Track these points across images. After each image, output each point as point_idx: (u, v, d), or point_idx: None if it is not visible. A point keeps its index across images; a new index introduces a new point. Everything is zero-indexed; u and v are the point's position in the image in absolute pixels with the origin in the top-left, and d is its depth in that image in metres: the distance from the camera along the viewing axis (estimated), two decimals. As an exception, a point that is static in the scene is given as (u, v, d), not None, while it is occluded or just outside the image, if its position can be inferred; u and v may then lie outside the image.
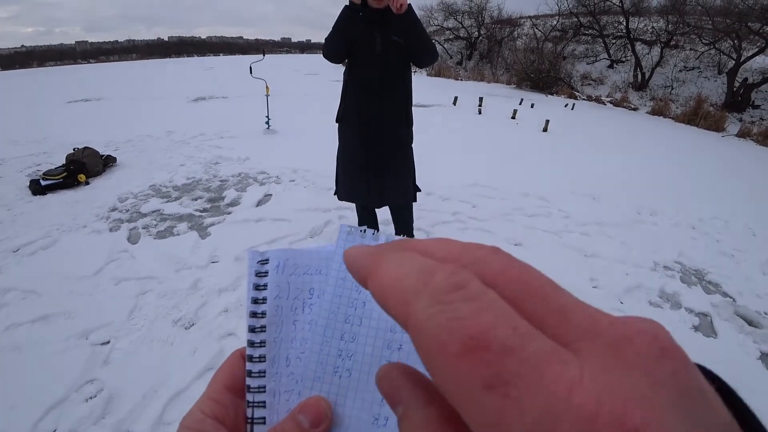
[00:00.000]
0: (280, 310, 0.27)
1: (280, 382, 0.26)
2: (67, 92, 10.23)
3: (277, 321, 0.27)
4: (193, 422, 0.24)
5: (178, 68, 19.04)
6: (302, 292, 0.27)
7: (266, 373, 0.26)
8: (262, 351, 0.26)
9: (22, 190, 3.61)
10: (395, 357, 0.26)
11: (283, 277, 0.27)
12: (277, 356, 0.26)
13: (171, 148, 5.04)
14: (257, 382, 0.26)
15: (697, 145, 8.01)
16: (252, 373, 0.26)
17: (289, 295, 0.27)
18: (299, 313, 0.27)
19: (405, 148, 2.30)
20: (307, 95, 9.73)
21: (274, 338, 0.26)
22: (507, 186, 4.11)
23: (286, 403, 0.25)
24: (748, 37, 11.85)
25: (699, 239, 3.37)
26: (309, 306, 0.27)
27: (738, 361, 2.03)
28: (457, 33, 22.47)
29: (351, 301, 0.26)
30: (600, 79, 16.44)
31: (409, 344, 0.25)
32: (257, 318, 0.26)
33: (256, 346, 0.26)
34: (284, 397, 0.25)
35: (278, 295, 0.27)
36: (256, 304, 0.27)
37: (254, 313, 0.26)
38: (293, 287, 0.27)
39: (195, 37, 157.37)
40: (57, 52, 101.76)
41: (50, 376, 1.68)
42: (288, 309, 0.27)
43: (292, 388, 0.26)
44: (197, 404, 0.25)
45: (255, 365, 0.26)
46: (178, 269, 2.46)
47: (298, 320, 0.27)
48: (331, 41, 2.07)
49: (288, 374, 0.26)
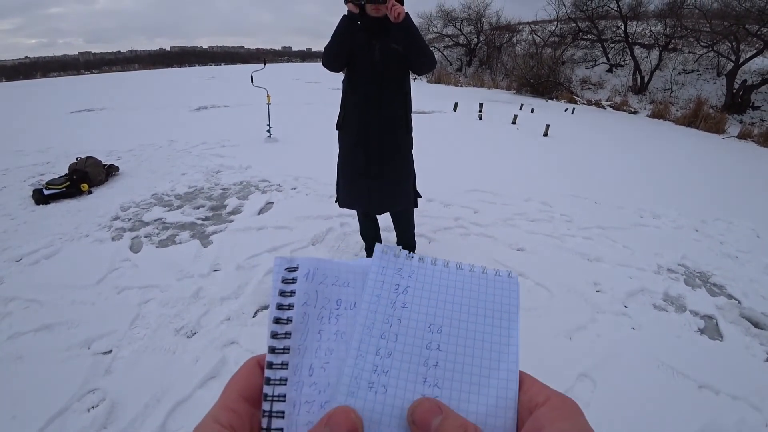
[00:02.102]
0: (306, 318, 0.26)
1: (301, 391, 0.25)
2: (70, 102, 10.32)
3: (303, 328, 0.26)
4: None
5: (180, 78, 19.21)
6: (330, 302, 0.27)
7: (288, 381, 0.25)
8: (284, 358, 0.25)
9: (25, 199, 3.63)
10: (431, 374, 0.26)
11: (312, 286, 0.27)
12: (300, 364, 0.25)
13: (173, 157, 5.06)
14: (277, 390, 0.25)
15: (697, 148, 8.00)
16: (271, 380, 0.25)
17: (317, 304, 0.27)
18: (325, 322, 0.27)
19: (405, 155, 2.30)
20: (307, 103, 9.78)
21: (299, 345, 0.26)
22: (508, 191, 4.11)
23: (306, 414, 0.24)
24: (746, 39, 11.87)
25: (702, 241, 3.35)
26: (336, 317, 0.27)
27: (745, 364, 2.01)
28: (456, 40, 22.61)
29: (386, 317, 0.27)
30: (599, 84, 16.48)
31: (445, 361, 0.26)
32: (281, 324, 0.26)
33: (278, 352, 0.25)
34: (305, 408, 0.24)
35: (306, 302, 0.27)
36: (280, 310, 0.26)
37: (278, 319, 0.26)
38: (321, 296, 0.27)
39: (197, 46, 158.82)
40: (60, 63, 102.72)
41: (52, 386, 1.68)
42: (314, 318, 0.27)
43: (314, 398, 0.25)
44: (212, 414, 0.23)
45: (275, 372, 0.25)
46: (180, 278, 2.46)
47: (324, 330, 0.26)
48: (330, 50, 2.09)
49: (310, 384, 0.25)
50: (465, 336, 0.27)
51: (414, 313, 0.27)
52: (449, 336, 0.27)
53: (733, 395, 1.79)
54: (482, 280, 0.29)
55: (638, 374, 1.88)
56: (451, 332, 0.27)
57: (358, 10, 1.99)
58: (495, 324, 0.28)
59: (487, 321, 0.28)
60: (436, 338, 0.27)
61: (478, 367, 0.26)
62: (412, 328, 0.27)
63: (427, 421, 0.23)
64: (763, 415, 1.71)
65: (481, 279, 0.29)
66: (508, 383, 0.26)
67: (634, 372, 1.89)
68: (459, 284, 0.28)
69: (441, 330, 0.27)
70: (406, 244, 2.62)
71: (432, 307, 0.27)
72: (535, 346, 2.00)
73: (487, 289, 0.29)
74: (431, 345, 0.26)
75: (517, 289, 0.29)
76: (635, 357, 1.98)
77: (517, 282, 0.29)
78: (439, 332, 0.27)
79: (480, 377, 0.26)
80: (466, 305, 0.28)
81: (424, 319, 0.27)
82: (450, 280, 0.29)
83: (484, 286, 0.29)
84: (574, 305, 2.35)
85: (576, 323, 2.18)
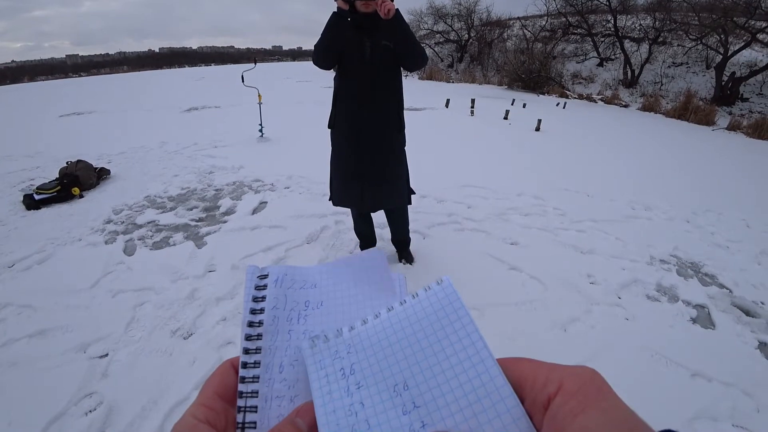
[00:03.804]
0: (276, 321, 0.28)
1: (272, 387, 0.27)
2: (59, 106, 10.20)
3: (273, 330, 0.28)
4: (187, 428, 0.24)
5: (170, 79, 19.04)
6: (298, 304, 0.29)
7: (260, 378, 0.27)
8: (257, 357, 0.27)
9: (15, 204, 3.59)
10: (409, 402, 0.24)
11: (281, 291, 0.29)
12: (271, 363, 0.27)
13: (165, 159, 5.03)
14: (250, 387, 0.26)
15: (688, 140, 8.08)
16: (245, 378, 0.27)
17: (286, 307, 0.29)
18: (294, 323, 0.29)
19: (398, 152, 2.30)
20: (299, 102, 9.74)
21: (269, 346, 0.28)
22: (501, 186, 4.13)
23: (277, 408, 0.26)
24: (734, 32, 12.00)
25: (693, 232, 3.40)
26: (304, 317, 0.29)
27: (737, 352, 2.04)
28: (447, 36, 22.61)
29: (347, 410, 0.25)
30: (590, 78, 16.58)
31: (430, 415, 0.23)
32: (254, 327, 0.28)
33: (251, 353, 0.27)
34: (276, 402, 0.26)
35: (275, 306, 0.29)
36: (253, 314, 0.28)
37: (251, 322, 0.28)
38: (290, 300, 0.29)
39: (186, 47, 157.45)
40: (48, 66, 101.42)
41: (49, 391, 1.67)
42: (284, 319, 0.29)
43: (284, 393, 0.26)
44: (189, 411, 0.25)
45: (249, 371, 0.27)
46: (175, 279, 2.45)
47: (293, 330, 0.28)
48: (320, 47, 2.08)
49: (281, 380, 0.27)
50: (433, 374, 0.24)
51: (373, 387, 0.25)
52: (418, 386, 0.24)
53: (725, 382, 1.82)
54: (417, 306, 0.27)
55: (632, 364, 1.91)
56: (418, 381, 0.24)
57: (348, 6, 1.98)
58: (454, 340, 0.25)
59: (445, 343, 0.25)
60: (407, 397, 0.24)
61: (464, 398, 0.23)
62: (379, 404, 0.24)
63: None
64: (755, 400, 1.74)
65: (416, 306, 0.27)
66: (498, 390, 0.23)
67: (628, 362, 1.91)
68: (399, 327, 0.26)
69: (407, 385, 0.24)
70: (401, 241, 2.63)
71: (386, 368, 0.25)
72: (530, 339, 2.02)
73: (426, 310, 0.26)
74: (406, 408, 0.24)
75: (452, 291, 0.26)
76: (629, 347, 2.01)
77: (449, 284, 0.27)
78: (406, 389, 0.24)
79: (471, 405, 0.23)
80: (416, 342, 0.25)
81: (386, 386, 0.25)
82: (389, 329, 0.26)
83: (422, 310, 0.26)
84: (569, 297, 2.37)
85: (570, 315, 2.21)
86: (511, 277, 2.55)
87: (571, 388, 0.20)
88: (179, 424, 0.25)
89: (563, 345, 2.00)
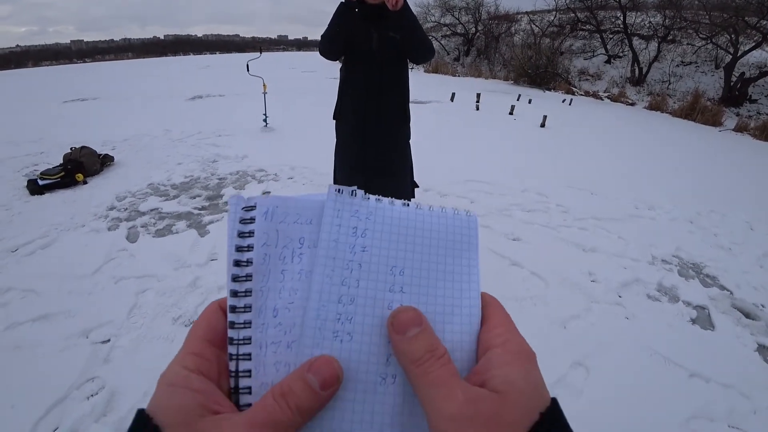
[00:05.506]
0: (267, 259, 0.25)
1: (266, 333, 0.24)
2: (64, 92, 10.18)
3: (264, 270, 0.25)
4: (179, 379, 0.22)
5: (175, 67, 18.97)
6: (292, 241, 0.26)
7: (252, 323, 0.24)
8: (247, 300, 0.25)
9: (19, 190, 3.60)
10: None
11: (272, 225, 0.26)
12: (264, 306, 0.25)
13: (168, 147, 5.02)
14: (242, 334, 0.24)
15: (694, 140, 8.02)
16: (235, 324, 0.24)
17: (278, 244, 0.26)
18: (288, 262, 0.26)
19: (402, 145, 2.30)
20: (304, 93, 9.70)
21: (261, 287, 0.25)
22: (505, 181, 4.12)
23: (273, 355, 0.24)
24: (745, 32, 11.83)
25: (696, 233, 3.38)
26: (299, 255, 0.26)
27: (735, 354, 2.05)
28: (454, 29, 22.40)
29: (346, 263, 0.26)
30: (597, 75, 16.43)
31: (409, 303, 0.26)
32: (241, 267, 0.25)
33: (240, 295, 0.25)
34: (271, 349, 0.24)
35: (266, 242, 0.25)
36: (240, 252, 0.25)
37: (238, 261, 0.25)
38: (282, 236, 0.26)
39: (191, 35, 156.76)
40: (53, 52, 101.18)
41: (51, 375, 1.68)
42: (276, 258, 0.25)
43: (280, 339, 0.24)
44: (177, 360, 0.23)
45: (239, 316, 0.24)
46: (178, 267, 2.47)
47: (287, 270, 0.25)
48: (327, 38, 2.07)
49: (275, 325, 0.25)
50: (428, 276, 0.27)
51: (375, 257, 0.26)
52: (412, 277, 0.26)
53: (723, 383, 1.82)
54: (442, 219, 0.28)
55: (631, 362, 1.91)
56: (414, 273, 0.26)
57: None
58: (456, 263, 0.28)
59: (449, 260, 0.27)
60: (399, 280, 0.26)
61: (442, 305, 0.26)
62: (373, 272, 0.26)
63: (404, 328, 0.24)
64: (752, 402, 1.74)
65: (441, 218, 0.28)
66: (470, 318, 0.26)
67: (626, 360, 1.92)
68: (419, 224, 0.28)
69: (403, 272, 0.26)
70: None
71: (393, 249, 0.27)
72: (529, 335, 2.00)
73: (447, 228, 0.28)
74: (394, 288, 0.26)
75: (476, 227, 0.29)
76: (628, 346, 2.01)
77: (476, 220, 0.29)
78: (402, 274, 0.26)
79: (444, 315, 0.26)
80: (427, 245, 0.27)
81: (386, 262, 0.26)
82: (410, 221, 0.28)
83: (444, 225, 0.28)
84: (569, 295, 2.38)
85: (570, 312, 2.21)
86: (512, 273, 2.55)
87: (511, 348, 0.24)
88: (167, 376, 0.23)
89: (562, 341, 2.00)
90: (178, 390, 0.22)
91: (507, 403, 0.21)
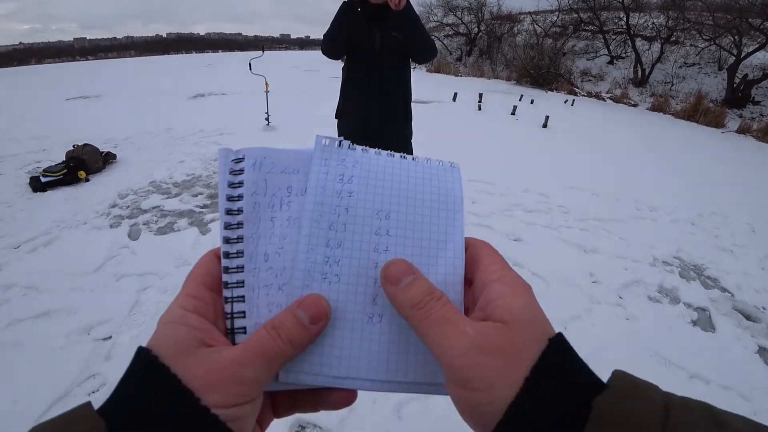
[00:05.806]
0: (257, 207, 0.27)
1: (258, 277, 0.26)
2: (66, 89, 10.21)
3: (254, 218, 0.27)
4: (176, 317, 0.23)
5: (177, 65, 18.99)
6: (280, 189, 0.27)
7: (244, 268, 0.26)
8: (239, 246, 0.26)
9: (22, 187, 3.62)
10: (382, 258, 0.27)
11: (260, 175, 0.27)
12: (255, 252, 0.26)
13: (170, 145, 5.03)
14: (235, 278, 0.26)
15: (696, 141, 8.01)
16: (229, 269, 0.26)
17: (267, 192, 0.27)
18: (277, 210, 0.27)
19: (404, 144, 2.30)
20: (306, 92, 9.70)
21: (252, 234, 0.26)
22: (507, 182, 4.12)
23: (266, 297, 0.26)
24: (748, 33, 11.80)
25: (698, 235, 3.38)
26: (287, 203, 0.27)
27: (736, 355, 2.05)
28: (456, 29, 22.38)
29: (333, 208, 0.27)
30: (600, 75, 16.39)
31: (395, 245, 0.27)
32: (233, 215, 0.27)
33: (232, 242, 0.26)
34: (264, 291, 0.26)
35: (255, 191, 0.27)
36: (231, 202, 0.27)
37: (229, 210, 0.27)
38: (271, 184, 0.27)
39: (193, 33, 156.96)
40: (55, 49, 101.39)
41: (52, 371, 1.69)
42: (265, 206, 0.27)
43: (271, 282, 0.26)
44: (176, 302, 0.24)
45: (232, 261, 0.26)
46: (179, 265, 2.47)
47: (276, 217, 0.27)
48: (329, 37, 2.07)
49: (266, 269, 0.26)
50: (413, 220, 0.28)
51: (361, 201, 0.27)
52: (397, 221, 0.27)
53: (723, 385, 1.82)
54: (427, 168, 0.30)
55: (631, 363, 1.91)
56: (399, 217, 0.28)
57: (358, -3, 1.97)
58: (441, 208, 0.29)
59: (434, 205, 0.29)
60: (384, 224, 0.27)
61: (427, 248, 0.27)
62: (360, 216, 0.27)
63: (398, 279, 0.25)
64: (752, 404, 1.74)
65: (426, 168, 0.30)
66: (455, 261, 0.27)
67: (627, 361, 1.92)
68: (404, 172, 0.29)
69: (389, 216, 0.27)
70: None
71: (379, 195, 0.28)
72: (530, 336, 2.02)
73: (431, 176, 0.29)
74: (380, 231, 0.27)
75: (459, 177, 0.30)
76: (629, 347, 2.01)
77: (458, 170, 0.30)
78: (387, 218, 0.27)
79: (429, 257, 0.27)
80: (412, 192, 0.28)
81: (372, 207, 0.27)
82: (395, 169, 0.29)
83: (429, 174, 0.29)
84: (570, 295, 2.37)
85: (571, 313, 2.21)
86: (513, 274, 2.55)
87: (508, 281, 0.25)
88: (166, 316, 0.24)
89: (563, 343, 2.00)
90: (176, 326, 0.23)
91: (514, 331, 0.22)
